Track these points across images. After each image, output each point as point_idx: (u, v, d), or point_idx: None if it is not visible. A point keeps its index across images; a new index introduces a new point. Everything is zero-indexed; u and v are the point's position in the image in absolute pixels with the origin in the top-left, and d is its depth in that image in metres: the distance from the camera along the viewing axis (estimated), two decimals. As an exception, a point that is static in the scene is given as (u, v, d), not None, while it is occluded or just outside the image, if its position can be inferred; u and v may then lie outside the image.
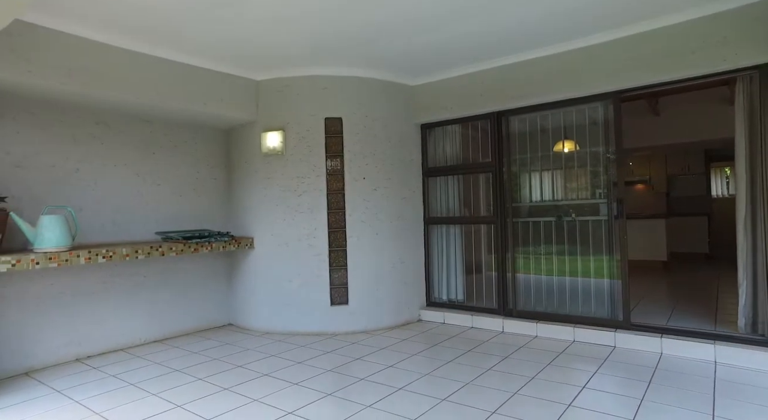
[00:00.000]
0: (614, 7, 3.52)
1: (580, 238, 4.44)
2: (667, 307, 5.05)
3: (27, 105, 3.87)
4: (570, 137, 4.53)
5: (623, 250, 4.15)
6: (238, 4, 3.32)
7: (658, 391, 3.05)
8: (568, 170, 4.57)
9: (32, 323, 3.85)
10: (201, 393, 3.23)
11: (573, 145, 4.54)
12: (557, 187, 4.67)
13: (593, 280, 4.40)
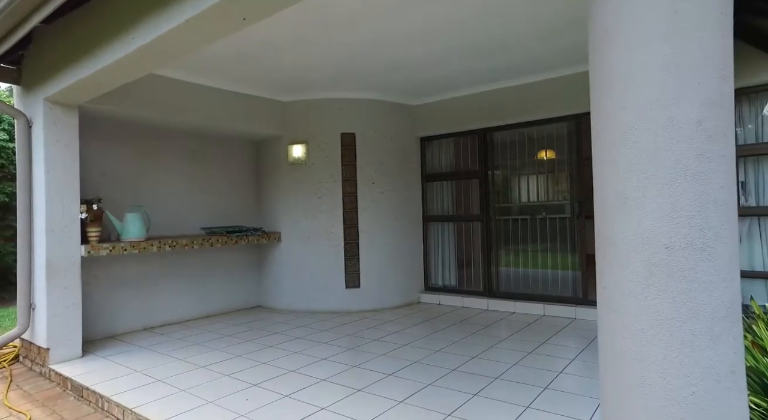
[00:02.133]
0: (569, 51, 4.51)
1: (550, 233, 5.44)
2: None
3: (110, 128, 4.90)
4: (542, 148, 5.53)
5: (582, 243, 5.15)
6: (280, 53, 4.32)
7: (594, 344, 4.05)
8: (542, 175, 5.57)
9: (115, 299, 4.88)
10: (250, 348, 4.26)
11: (544, 155, 5.53)
12: (532, 190, 5.67)
13: (560, 268, 5.40)
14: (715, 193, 1.14)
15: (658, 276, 1.17)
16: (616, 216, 1.25)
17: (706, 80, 1.15)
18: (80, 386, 3.52)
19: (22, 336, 4.27)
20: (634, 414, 1.20)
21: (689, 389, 1.13)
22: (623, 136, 1.22)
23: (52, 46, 3.73)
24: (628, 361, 1.21)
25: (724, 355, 1.14)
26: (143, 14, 2.77)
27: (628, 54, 1.21)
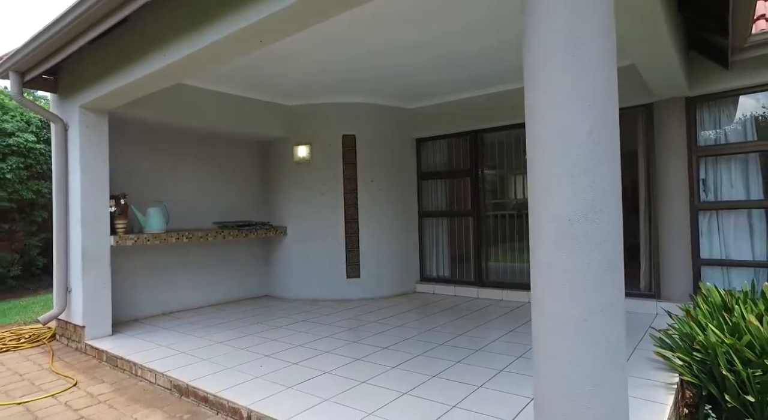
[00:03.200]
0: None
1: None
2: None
3: (134, 130, 5.41)
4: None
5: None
6: (287, 63, 4.82)
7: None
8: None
9: (137, 286, 5.39)
10: (261, 328, 4.77)
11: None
12: (519, 188, 6.15)
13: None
14: (600, 180, 1.63)
15: (564, 239, 1.66)
16: (539, 199, 1.74)
17: (596, 103, 1.64)
18: (115, 357, 4.03)
19: (60, 317, 4.79)
20: (550, 335, 1.70)
21: (584, 317, 1.63)
22: (541, 142, 1.72)
23: (89, 61, 4.23)
24: (547, 298, 1.71)
25: (607, 294, 1.64)
26: (174, 37, 3.28)
27: (543, 83, 1.71)
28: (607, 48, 1.66)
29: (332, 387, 3.11)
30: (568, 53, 1.64)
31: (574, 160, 1.64)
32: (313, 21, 2.73)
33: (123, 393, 3.45)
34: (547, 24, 1.68)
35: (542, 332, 1.72)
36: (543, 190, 1.72)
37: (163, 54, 3.41)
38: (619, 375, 1.66)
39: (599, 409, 1.61)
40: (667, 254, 4.87)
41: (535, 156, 1.77)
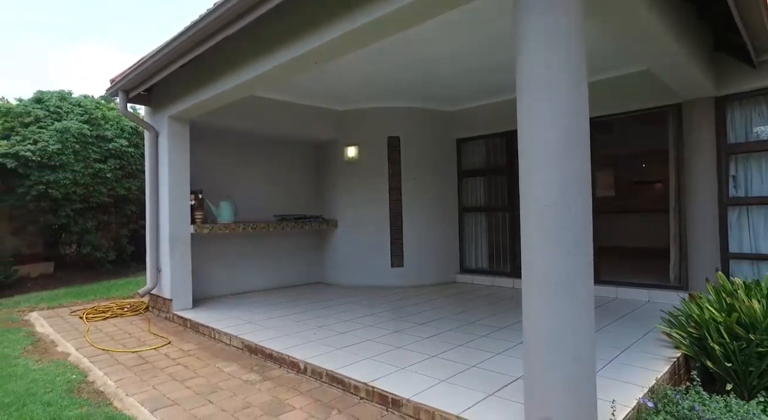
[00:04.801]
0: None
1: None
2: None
3: (208, 135, 6.31)
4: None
5: (595, 232, 5.91)
6: (338, 73, 5.49)
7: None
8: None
9: (209, 269, 6.29)
10: (315, 306, 5.48)
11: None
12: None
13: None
14: (572, 174, 2.11)
15: (541, 221, 2.15)
16: (523, 189, 2.25)
17: (566, 113, 2.13)
18: (197, 324, 4.89)
19: (152, 291, 5.77)
20: (534, 293, 2.20)
21: (559, 279, 2.12)
22: (526, 145, 2.23)
23: (177, 80, 5.11)
24: (532, 266, 2.21)
25: (577, 263, 2.11)
26: (246, 61, 4.02)
27: (528, 101, 2.21)
28: (576, 72, 2.14)
29: (372, 350, 3.73)
30: (542, 79, 2.14)
31: (552, 157, 2.13)
32: (369, 42, 3.30)
33: (206, 350, 4.26)
34: (529, 57, 2.18)
35: (528, 289, 2.22)
36: (526, 182, 2.22)
37: (237, 74, 4.17)
38: (585, 325, 2.13)
39: (564, 354, 2.09)
40: (696, 248, 5.06)
41: (523, 157, 2.27)
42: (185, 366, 3.83)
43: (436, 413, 2.56)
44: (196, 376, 3.59)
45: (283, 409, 2.92)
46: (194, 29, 3.78)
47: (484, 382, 2.93)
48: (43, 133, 7.66)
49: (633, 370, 3.06)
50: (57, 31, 64.26)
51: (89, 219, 8.41)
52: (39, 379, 3.51)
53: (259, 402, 3.05)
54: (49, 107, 8.11)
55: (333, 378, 3.24)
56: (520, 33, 2.23)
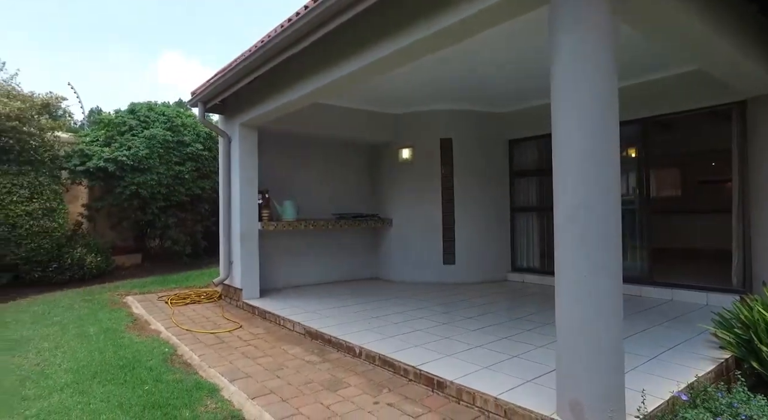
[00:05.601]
0: (629, 64, 5.28)
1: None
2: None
3: (273, 139, 6.88)
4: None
5: (648, 234, 5.83)
6: (395, 79, 5.81)
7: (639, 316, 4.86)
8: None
9: (273, 263, 6.86)
10: (370, 299, 5.87)
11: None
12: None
13: (629, 253, 6.10)
14: (599, 177, 2.29)
15: (569, 222, 2.36)
16: (559, 194, 2.46)
17: (594, 122, 2.31)
18: (264, 311, 5.44)
19: (224, 282, 6.44)
20: (563, 287, 2.41)
21: (585, 275, 2.32)
22: (558, 150, 2.44)
23: (248, 91, 5.68)
24: (561, 263, 2.42)
25: (602, 261, 2.29)
26: (312, 73, 4.45)
27: (559, 111, 2.42)
28: (605, 84, 2.33)
29: (421, 339, 4.04)
30: (571, 91, 2.34)
31: (579, 163, 2.34)
32: (423, 55, 3.59)
33: (272, 334, 4.77)
34: (560, 70, 2.40)
35: (559, 284, 2.44)
36: (560, 187, 2.43)
37: (304, 85, 4.59)
38: (610, 319, 2.31)
39: (589, 344, 2.29)
40: (761, 252, 4.88)
41: (556, 164, 2.47)
42: (255, 346, 4.34)
43: (476, 394, 2.83)
44: (265, 355, 4.07)
45: (340, 386, 3.31)
46: (264, 49, 4.26)
47: (523, 371, 3.15)
48: (135, 140, 8.68)
49: (673, 367, 3.13)
50: (141, 44, 70.15)
51: (170, 216, 9.37)
52: (141, 350, 4.17)
53: (319, 379, 3.46)
54: (140, 117, 9.15)
55: (385, 361, 3.59)
56: (553, 48, 2.44)
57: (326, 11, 3.38)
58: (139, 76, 68.75)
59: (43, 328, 5.08)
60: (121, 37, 67.56)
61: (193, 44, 75.92)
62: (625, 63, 5.22)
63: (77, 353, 4.15)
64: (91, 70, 64.13)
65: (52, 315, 5.68)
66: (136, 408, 3.00)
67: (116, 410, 2.97)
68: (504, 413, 2.66)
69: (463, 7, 2.84)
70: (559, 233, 2.41)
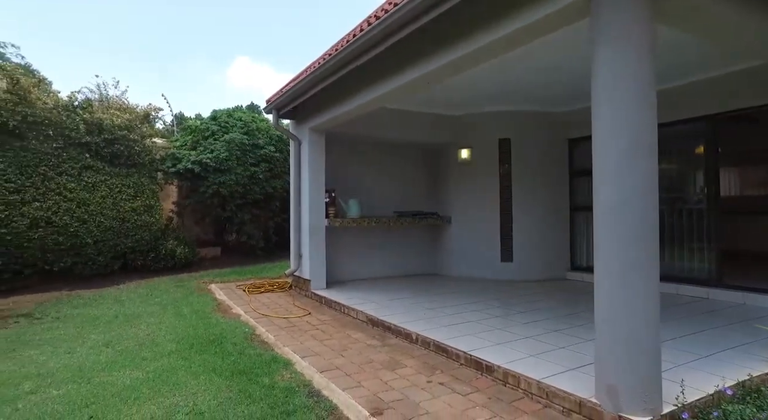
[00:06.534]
0: (696, 59, 5.15)
1: (685, 223, 5.99)
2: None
3: (338, 142, 7.41)
4: (677, 146, 6.08)
5: (717, 233, 5.62)
6: (456, 82, 6.07)
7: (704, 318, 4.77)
8: (678, 170, 6.11)
9: (338, 257, 7.39)
10: (428, 293, 6.20)
11: (683, 152, 6.07)
12: (667, 185, 6.24)
13: (695, 254, 5.91)
14: (634, 179, 2.45)
15: (610, 215, 2.54)
16: (599, 189, 2.64)
17: (631, 128, 2.48)
18: (330, 301, 5.95)
19: (294, 273, 7.07)
20: (601, 281, 2.61)
21: (620, 270, 2.50)
22: (596, 152, 2.63)
23: (317, 99, 6.20)
24: (599, 259, 2.62)
25: (637, 258, 2.46)
26: (378, 81, 4.84)
27: (597, 118, 2.61)
28: (643, 91, 2.50)
29: (474, 329, 4.31)
30: (608, 100, 2.54)
31: (617, 161, 2.52)
32: (484, 60, 3.84)
33: (338, 321, 5.25)
34: (599, 78, 2.59)
35: (598, 278, 2.64)
36: (600, 183, 2.62)
37: (370, 92, 4.98)
38: (645, 311, 2.48)
39: (623, 334, 2.47)
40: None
41: (594, 162, 2.66)
42: (322, 331, 4.84)
43: (521, 378, 3.08)
44: (331, 338, 4.55)
45: (398, 366, 3.68)
46: (331, 61, 4.72)
47: (568, 360, 3.34)
48: (217, 143, 9.64)
49: (725, 366, 3.17)
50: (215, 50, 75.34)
51: (246, 213, 10.27)
52: (226, 329, 4.82)
53: (379, 360, 3.85)
54: (220, 123, 10.13)
55: (439, 347, 3.91)
56: (593, 57, 2.64)
57: (394, 23, 3.67)
58: (214, 81, 73.79)
59: (148, 306, 5.97)
60: (196, 45, 73.10)
61: (262, 47, 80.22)
62: (690, 59, 5.12)
63: (177, 328, 4.89)
64: (172, 78, 70.02)
65: (154, 297, 6.61)
66: (226, 373, 3.57)
67: (211, 373, 3.56)
68: (546, 395, 2.89)
69: (505, 24, 3.09)
70: (598, 231, 2.61)
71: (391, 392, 3.14)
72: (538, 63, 5.24)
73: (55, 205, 7.40)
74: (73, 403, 3.06)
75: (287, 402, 3.03)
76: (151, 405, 3.02)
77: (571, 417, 2.72)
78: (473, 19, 3.44)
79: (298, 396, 3.13)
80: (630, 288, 2.48)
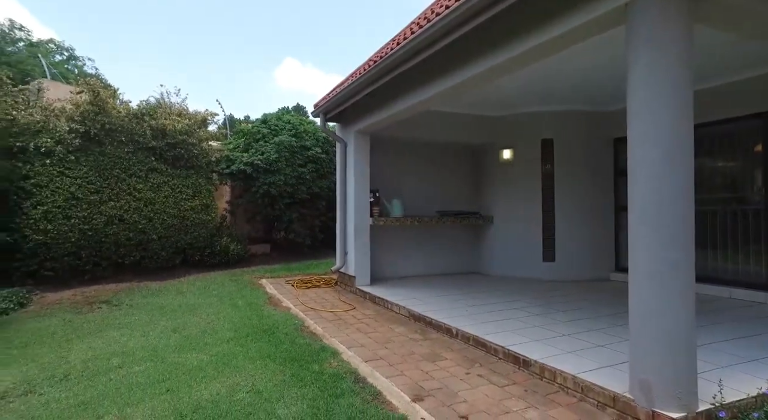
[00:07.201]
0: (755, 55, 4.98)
1: (741, 224, 5.78)
2: None
3: (381, 143, 7.67)
4: (729, 145, 5.87)
5: (777, 232, 5.40)
6: (498, 84, 6.17)
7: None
8: (734, 169, 5.90)
9: (381, 256, 7.65)
10: (469, 290, 6.33)
11: (740, 151, 5.86)
12: (719, 182, 6.03)
13: (752, 255, 5.69)
14: (668, 188, 2.52)
15: (647, 213, 2.62)
16: (634, 190, 2.71)
17: (668, 135, 2.56)
18: (374, 296, 6.22)
19: (340, 270, 7.40)
20: (635, 279, 2.69)
21: (654, 270, 2.58)
22: (634, 153, 2.71)
23: (362, 103, 6.47)
24: (633, 258, 2.70)
25: (671, 258, 2.53)
26: (418, 86, 5.05)
27: (634, 124, 2.69)
28: (677, 93, 2.56)
29: (513, 325, 4.43)
30: (645, 100, 2.62)
31: (651, 164, 2.60)
32: (528, 64, 3.94)
33: (381, 316, 5.51)
34: (635, 82, 2.67)
35: (632, 276, 2.72)
36: (633, 181, 2.70)
37: (414, 95, 5.19)
38: (679, 309, 2.54)
39: (656, 330, 2.55)
40: None
41: (629, 166, 2.75)
42: (366, 324, 5.11)
43: (557, 372, 3.19)
44: (375, 331, 4.80)
45: (438, 358, 3.88)
46: (376, 68, 4.97)
47: (605, 358, 3.41)
48: (267, 146, 10.18)
49: None
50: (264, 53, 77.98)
51: (293, 211, 10.75)
52: (278, 320, 5.19)
53: (420, 352, 4.07)
54: (270, 126, 10.67)
55: (478, 342, 4.08)
56: (629, 62, 2.73)
57: (437, 31, 3.86)
58: (263, 82, 76.32)
59: (206, 298, 6.49)
60: (247, 47, 76.03)
61: (309, 48, 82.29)
62: (744, 55, 4.96)
63: (233, 318, 5.32)
64: (222, 79, 73.14)
65: (211, 289, 7.15)
66: (279, 359, 3.91)
67: (266, 359, 3.91)
68: (581, 389, 3.00)
69: (547, 29, 3.21)
70: (632, 232, 2.70)
71: (432, 381, 3.35)
72: (583, 63, 5.26)
73: (126, 204, 8.14)
74: (152, 377, 3.50)
75: (335, 386, 3.31)
76: (216, 383, 3.39)
77: (605, 411, 2.82)
78: (509, 28, 3.57)
79: (345, 381, 3.40)
80: (666, 287, 2.55)
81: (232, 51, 75.81)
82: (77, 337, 4.73)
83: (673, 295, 2.54)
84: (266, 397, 3.15)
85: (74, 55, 31.23)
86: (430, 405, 2.96)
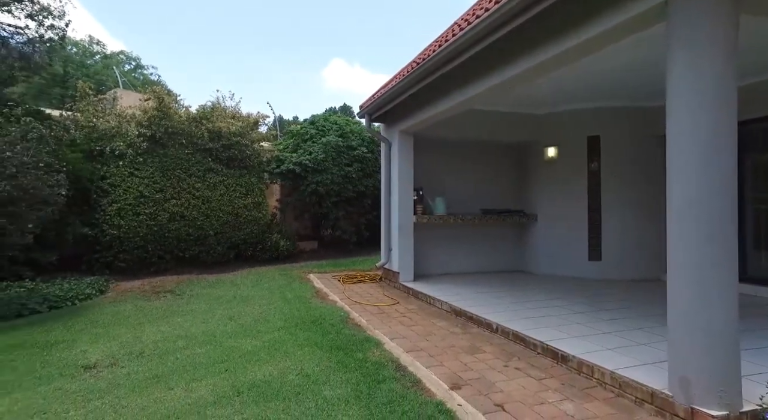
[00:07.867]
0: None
1: None
2: None
3: (425, 143, 7.79)
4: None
5: None
6: (541, 81, 6.15)
7: (829, 323, 4.36)
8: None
9: (426, 252, 7.79)
10: (511, 287, 6.36)
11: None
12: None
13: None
14: (714, 173, 2.51)
15: (689, 208, 2.60)
16: (674, 187, 2.72)
17: (714, 120, 2.55)
18: (417, 292, 6.39)
19: (384, 266, 7.62)
20: (674, 275, 2.70)
21: (693, 265, 2.58)
22: (673, 150, 2.71)
23: (406, 102, 6.64)
24: (672, 254, 2.71)
25: (711, 254, 2.52)
26: (461, 86, 5.16)
27: (673, 120, 2.69)
28: (718, 91, 2.55)
29: (554, 322, 4.46)
30: (685, 99, 2.62)
31: (698, 156, 2.60)
32: (568, 63, 3.98)
33: (424, 311, 5.67)
34: (675, 80, 2.68)
35: (671, 272, 2.73)
36: (669, 185, 2.72)
37: (456, 95, 5.30)
38: (719, 307, 2.53)
39: (695, 327, 2.55)
40: None
41: (669, 157, 2.76)
42: (409, 318, 5.28)
43: (594, 367, 3.23)
44: (417, 325, 4.97)
45: (477, 351, 3.99)
46: (419, 69, 5.13)
47: (644, 355, 3.40)
48: (315, 146, 10.58)
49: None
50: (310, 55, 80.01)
51: (340, 210, 11.10)
52: (325, 312, 5.48)
53: (460, 345, 4.19)
54: (318, 126, 11.07)
55: (517, 337, 4.15)
56: (669, 59, 2.74)
57: (482, 31, 3.94)
58: (310, 83, 78.26)
59: (258, 290, 6.91)
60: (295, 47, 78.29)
61: (357, 49, 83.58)
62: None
63: (283, 309, 5.67)
64: (274, 82, 75.68)
65: (263, 283, 7.58)
66: (326, 347, 4.16)
67: (313, 346, 4.18)
68: (618, 385, 3.03)
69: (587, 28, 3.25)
70: (671, 228, 2.71)
71: (470, 372, 3.48)
72: (628, 60, 5.16)
73: (186, 202, 8.77)
74: (212, 358, 3.87)
75: (378, 373, 3.51)
76: (268, 366, 3.69)
77: (642, 407, 2.84)
78: (549, 27, 3.62)
79: (387, 369, 3.60)
80: (706, 284, 2.55)
81: (282, 52, 78.23)
82: (148, 321, 5.25)
83: (713, 292, 2.54)
84: (314, 379, 3.40)
85: (140, 64, 33.58)
86: (466, 393, 3.10)
